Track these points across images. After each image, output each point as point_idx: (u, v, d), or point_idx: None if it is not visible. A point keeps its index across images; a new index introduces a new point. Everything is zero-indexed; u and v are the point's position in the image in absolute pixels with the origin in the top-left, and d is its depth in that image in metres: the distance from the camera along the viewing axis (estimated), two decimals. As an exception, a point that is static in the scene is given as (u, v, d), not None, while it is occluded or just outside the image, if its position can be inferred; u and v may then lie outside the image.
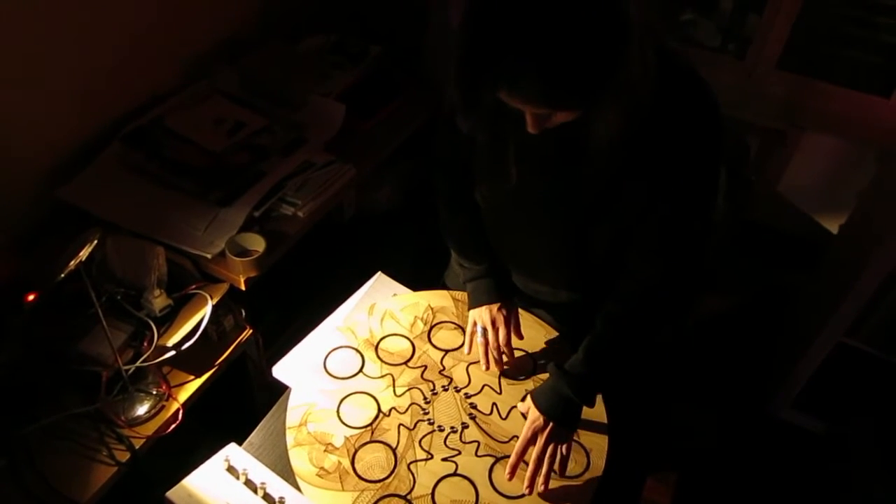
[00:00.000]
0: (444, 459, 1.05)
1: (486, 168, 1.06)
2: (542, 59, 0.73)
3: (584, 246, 1.07)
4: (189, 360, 1.29)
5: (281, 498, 0.97)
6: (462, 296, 1.28)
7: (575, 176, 0.97)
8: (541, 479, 1.01)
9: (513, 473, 1.03)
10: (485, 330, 1.18)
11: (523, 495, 1.02)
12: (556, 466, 1.04)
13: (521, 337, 1.20)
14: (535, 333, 1.23)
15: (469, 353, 1.20)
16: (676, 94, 0.88)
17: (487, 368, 1.17)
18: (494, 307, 1.18)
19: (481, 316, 1.19)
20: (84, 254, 0.98)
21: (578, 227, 1.04)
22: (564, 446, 1.04)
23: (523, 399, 1.12)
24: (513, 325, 1.19)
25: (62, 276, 0.97)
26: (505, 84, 0.77)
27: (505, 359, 1.17)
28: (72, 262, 0.97)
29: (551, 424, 1.04)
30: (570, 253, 1.10)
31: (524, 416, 1.10)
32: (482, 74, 0.77)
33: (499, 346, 1.17)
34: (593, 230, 1.03)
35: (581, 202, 1.00)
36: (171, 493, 0.96)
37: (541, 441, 1.03)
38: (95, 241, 1.00)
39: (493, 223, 1.18)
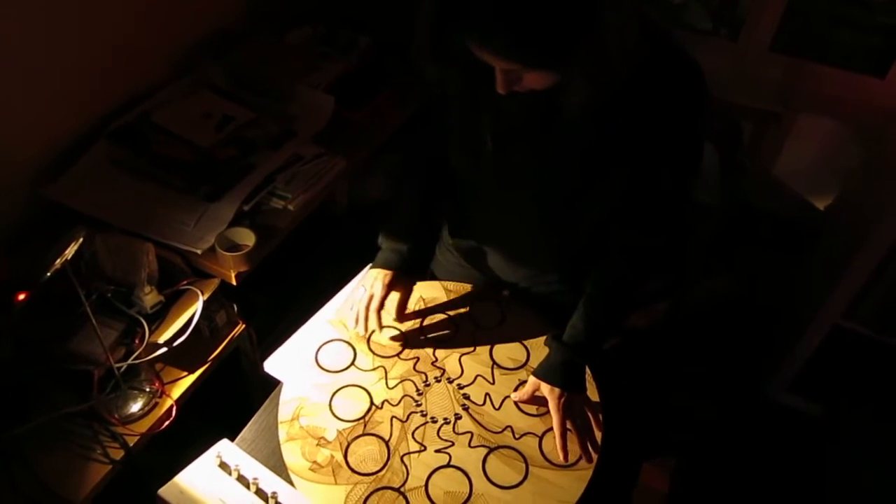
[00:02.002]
0: (438, 451, 1.05)
1: (459, 135, 1.05)
2: (513, 10, 0.73)
3: (570, 226, 1.07)
4: (181, 357, 1.29)
5: (274, 493, 0.96)
6: (454, 286, 1.28)
7: (551, 148, 0.97)
8: (588, 446, 1.05)
9: (567, 455, 1.04)
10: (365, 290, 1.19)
11: (517, 485, 1.01)
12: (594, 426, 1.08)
13: (401, 319, 1.19)
14: (526, 323, 1.22)
15: (351, 308, 1.20)
16: (660, 69, 0.88)
17: (355, 326, 1.17)
18: (383, 272, 1.18)
19: (368, 276, 1.20)
20: (70, 252, 0.98)
21: (562, 205, 1.04)
22: (587, 407, 1.09)
23: (516, 389, 1.12)
24: (397, 301, 1.18)
25: (48, 274, 0.96)
26: (476, 35, 0.77)
27: (371, 325, 1.16)
28: (57, 261, 0.97)
29: (573, 395, 1.07)
30: (555, 234, 1.11)
31: (517, 405, 1.10)
32: (454, 24, 0.77)
33: (366, 308, 1.16)
34: (579, 210, 1.03)
35: (560, 177, 1.00)
36: (162, 491, 0.96)
37: (573, 415, 1.06)
38: (81, 239, 1.00)
39: (473, 199, 1.18)
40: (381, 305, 1.16)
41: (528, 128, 0.97)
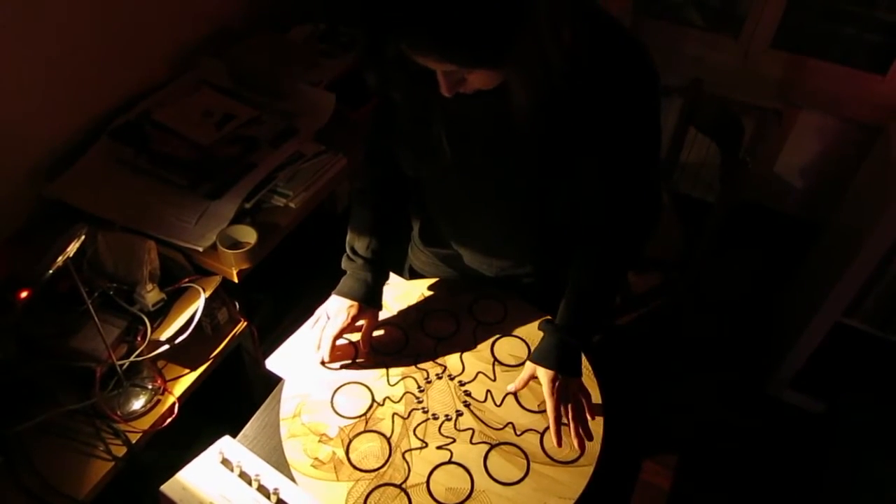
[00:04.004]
0: (439, 447, 1.05)
1: (412, 141, 1.03)
2: (436, 10, 0.72)
3: (539, 219, 1.08)
4: (183, 354, 1.29)
5: (276, 489, 0.97)
6: (454, 283, 1.28)
7: (508, 147, 0.97)
8: (581, 433, 1.06)
9: (560, 440, 1.05)
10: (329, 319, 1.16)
11: (518, 481, 1.02)
12: (588, 413, 1.08)
13: (366, 349, 1.15)
14: (527, 319, 1.22)
15: (313, 327, 1.18)
16: (608, 56, 0.88)
17: (317, 351, 1.15)
18: (347, 302, 1.15)
19: (332, 304, 1.17)
20: (71, 250, 0.98)
21: (527, 200, 1.04)
22: (581, 393, 1.09)
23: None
24: (363, 333, 1.15)
25: (50, 272, 0.96)
26: (404, 38, 0.76)
27: (326, 355, 1.13)
28: (59, 259, 0.97)
29: (568, 380, 1.07)
30: (525, 227, 1.11)
31: (518, 401, 1.10)
32: (384, 29, 0.77)
33: (324, 337, 1.13)
34: (546, 203, 1.04)
35: (522, 176, 1.00)
36: (165, 487, 0.96)
37: (567, 399, 1.07)
38: (83, 237, 1.00)
39: (438, 201, 1.18)
40: (339, 335, 1.14)
41: (483, 129, 0.97)
